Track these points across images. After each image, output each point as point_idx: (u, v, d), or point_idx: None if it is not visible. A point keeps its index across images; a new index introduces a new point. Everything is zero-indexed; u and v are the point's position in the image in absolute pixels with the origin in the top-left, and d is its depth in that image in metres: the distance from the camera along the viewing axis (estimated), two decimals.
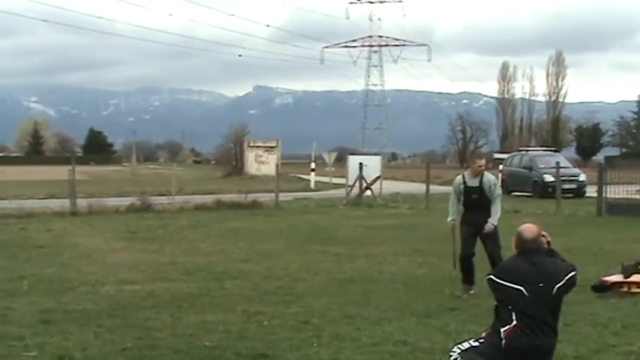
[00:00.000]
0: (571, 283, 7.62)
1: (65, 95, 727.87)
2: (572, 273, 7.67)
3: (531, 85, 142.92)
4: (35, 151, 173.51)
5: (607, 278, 13.74)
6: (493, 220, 13.52)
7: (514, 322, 7.36)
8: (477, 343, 7.61)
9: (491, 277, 7.65)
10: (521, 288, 7.38)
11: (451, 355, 7.70)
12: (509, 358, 7.37)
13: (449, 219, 14.04)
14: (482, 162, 13.85)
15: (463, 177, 13.79)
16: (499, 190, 13.82)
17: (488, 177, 13.69)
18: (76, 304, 12.32)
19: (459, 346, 7.71)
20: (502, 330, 7.41)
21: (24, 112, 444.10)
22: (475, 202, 13.58)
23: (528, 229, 7.77)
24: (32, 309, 11.92)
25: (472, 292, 13.31)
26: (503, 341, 7.37)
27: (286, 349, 9.70)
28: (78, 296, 13.08)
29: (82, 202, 29.83)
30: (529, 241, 7.69)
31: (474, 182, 13.60)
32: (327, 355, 9.45)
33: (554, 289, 7.48)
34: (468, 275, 13.60)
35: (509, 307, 7.41)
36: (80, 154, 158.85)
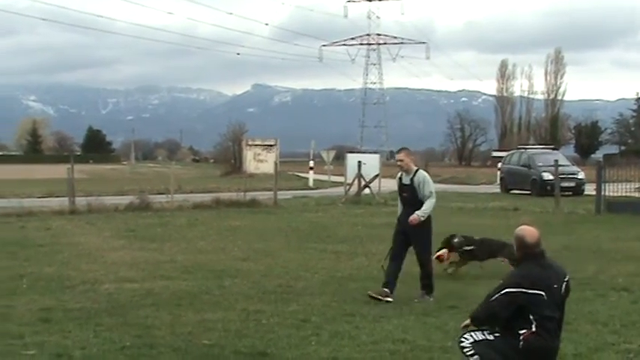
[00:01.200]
0: (570, 285, 7.70)
1: (64, 94, 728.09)
2: (568, 275, 7.81)
3: (530, 83, 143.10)
4: (34, 150, 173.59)
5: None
6: (420, 212, 12.70)
7: (533, 328, 7.37)
8: (491, 337, 7.57)
9: (508, 290, 7.52)
10: (542, 292, 7.40)
11: (462, 342, 7.67)
12: (524, 358, 7.39)
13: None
14: (400, 156, 13.11)
15: (402, 174, 13.18)
16: (429, 188, 12.90)
17: (420, 175, 12.94)
18: (76, 303, 12.34)
19: (473, 334, 7.66)
20: (520, 332, 7.41)
21: (23, 111, 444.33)
22: (406, 200, 13.03)
23: (530, 233, 7.72)
24: (31, 307, 11.93)
25: (389, 299, 12.54)
26: (521, 343, 7.38)
27: (285, 347, 9.70)
28: (77, 295, 13.09)
29: (81, 201, 29.80)
30: (533, 245, 7.67)
31: (406, 179, 13.03)
32: (326, 353, 9.46)
33: (563, 289, 7.58)
34: (387, 277, 12.89)
35: (529, 313, 7.41)
36: (79, 153, 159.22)
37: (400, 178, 13.18)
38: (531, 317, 7.39)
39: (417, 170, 13.03)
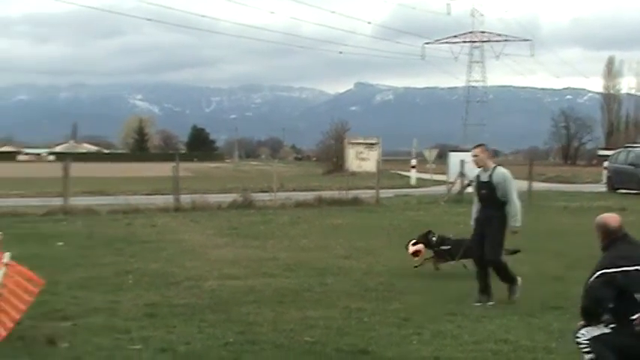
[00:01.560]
0: None
1: (169, 93, 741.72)
2: None
3: (638, 80, 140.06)
4: (140, 148, 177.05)
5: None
6: (514, 223, 12.31)
7: None
8: (608, 330, 7.52)
9: (605, 271, 7.52)
10: None
11: (578, 337, 7.62)
12: None
13: (471, 221, 13.13)
14: (475, 151, 12.73)
15: (480, 171, 12.76)
16: (511, 185, 12.40)
17: (499, 171, 12.47)
18: (180, 299, 12.52)
19: (589, 329, 7.59)
20: (633, 318, 7.38)
21: (129, 110, 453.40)
22: (483, 197, 12.58)
23: (612, 218, 7.96)
24: (137, 303, 12.15)
25: (490, 303, 12.29)
26: (637, 328, 7.34)
27: (387, 345, 9.69)
28: (182, 291, 13.28)
29: (186, 199, 30.21)
30: (618, 229, 7.88)
31: (484, 176, 12.59)
32: (428, 352, 9.41)
33: None
34: (480, 283, 12.65)
35: (635, 293, 7.38)
36: (184, 151, 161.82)
37: (478, 176, 12.85)
38: (638, 298, 7.33)
39: (495, 167, 12.64)
